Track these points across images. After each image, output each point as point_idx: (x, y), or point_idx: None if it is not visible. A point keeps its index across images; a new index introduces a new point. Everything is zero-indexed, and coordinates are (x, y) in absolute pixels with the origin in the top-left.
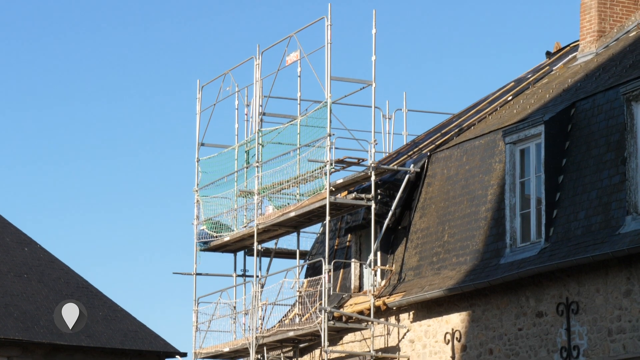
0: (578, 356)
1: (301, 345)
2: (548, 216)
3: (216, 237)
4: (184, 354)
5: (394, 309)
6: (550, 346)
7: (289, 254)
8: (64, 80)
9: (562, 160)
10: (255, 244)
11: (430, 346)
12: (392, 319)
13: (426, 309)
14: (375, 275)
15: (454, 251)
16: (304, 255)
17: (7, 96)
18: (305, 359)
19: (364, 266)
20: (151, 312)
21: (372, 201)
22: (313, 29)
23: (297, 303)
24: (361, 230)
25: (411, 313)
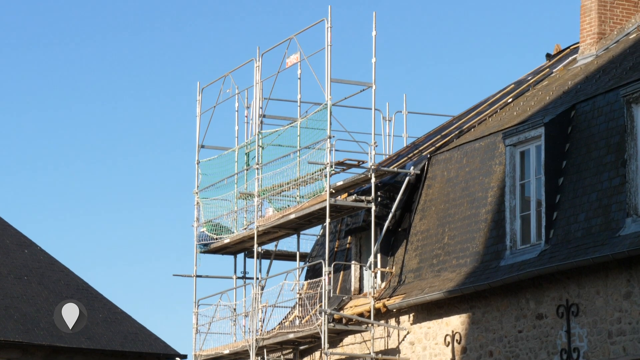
0: (578, 358)
1: (301, 348)
2: (548, 218)
3: (216, 239)
4: (184, 356)
5: (394, 311)
6: (550, 348)
7: (289, 256)
8: (64, 83)
9: (562, 162)
10: (256, 246)
11: (431, 348)
12: (392, 321)
13: (426, 311)
14: (376, 277)
15: (454, 253)
16: (304, 257)
17: (7, 98)
18: None
19: (364, 268)
20: (151, 314)
21: (372, 203)
22: (313, 31)
23: (297, 305)
24: (361, 233)
25: (411, 315)
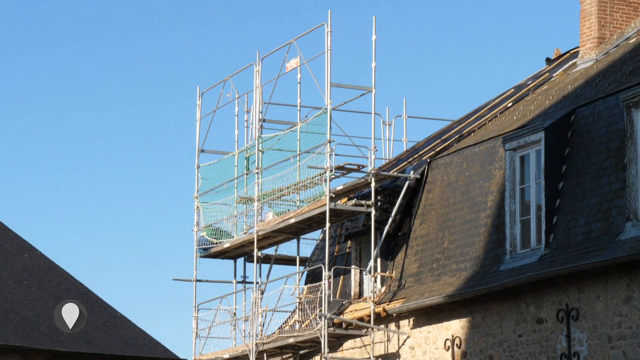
0: None
1: (301, 352)
2: (548, 223)
3: (216, 243)
4: None
5: (394, 315)
6: (550, 353)
7: (289, 261)
8: (64, 87)
9: (562, 166)
10: (255, 250)
11: (430, 353)
12: (392, 326)
13: (426, 315)
14: (375, 281)
15: (454, 258)
16: (304, 261)
17: (7, 102)
18: None
19: (364, 273)
20: (151, 318)
21: (372, 208)
22: (313, 36)
23: (297, 309)
24: (361, 237)
25: (411, 319)
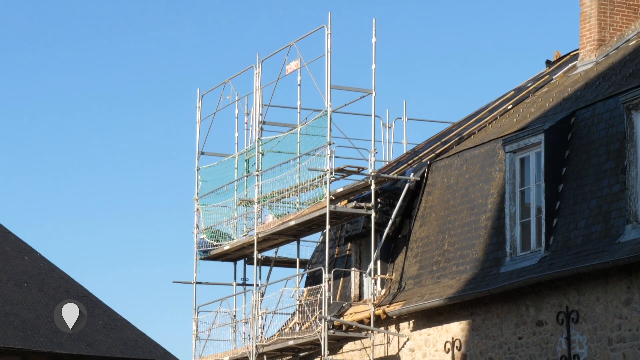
0: None
1: (301, 354)
2: (548, 225)
3: (216, 245)
4: None
5: (394, 317)
6: (550, 355)
7: (289, 263)
8: (64, 88)
9: (562, 169)
10: (255, 252)
11: (431, 355)
12: (392, 328)
13: (426, 317)
14: (375, 284)
15: (454, 260)
16: (304, 264)
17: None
18: None
19: (364, 275)
20: (151, 320)
21: (372, 210)
22: (313, 38)
23: (297, 312)
24: (361, 239)
25: (411, 322)
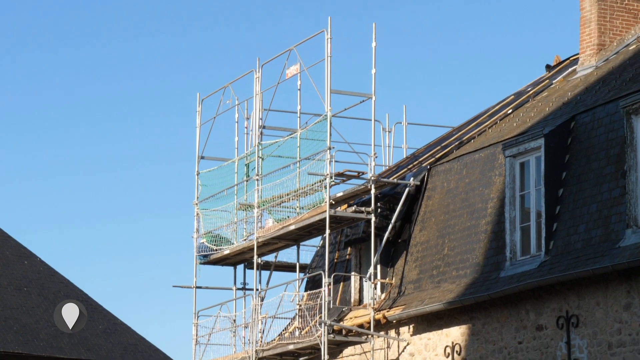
0: None
1: (301, 359)
2: (548, 229)
3: (216, 250)
4: None
5: (394, 322)
6: (550, 359)
7: (288, 267)
8: (64, 93)
9: (562, 173)
10: (255, 257)
11: (430, 359)
12: (392, 332)
13: (426, 322)
14: (375, 288)
15: (454, 264)
16: (303, 268)
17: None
18: None
19: (364, 279)
20: (151, 325)
21: (372, 214)
22: (313, 42)
23: (297, 316)
24: (361, 244)
25: (411, 326)
